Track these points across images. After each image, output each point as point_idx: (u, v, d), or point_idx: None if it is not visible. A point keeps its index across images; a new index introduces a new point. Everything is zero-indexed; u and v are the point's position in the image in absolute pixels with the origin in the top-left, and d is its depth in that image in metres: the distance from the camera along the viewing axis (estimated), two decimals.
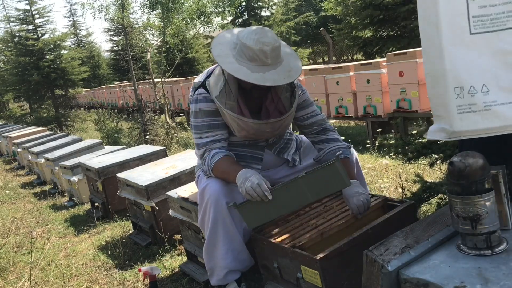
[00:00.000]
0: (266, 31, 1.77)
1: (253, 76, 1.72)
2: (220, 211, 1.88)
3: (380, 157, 4.38)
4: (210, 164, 1.91)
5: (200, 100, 1.94)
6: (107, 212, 3.67)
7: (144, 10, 7.16)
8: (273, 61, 1.77)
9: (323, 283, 1.57)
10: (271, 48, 1.74)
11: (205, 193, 1.93)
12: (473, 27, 1.29)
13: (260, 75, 1.73)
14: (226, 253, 1.94)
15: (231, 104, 1.86)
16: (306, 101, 2.08)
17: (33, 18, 11.92)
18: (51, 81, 11.53)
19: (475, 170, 1.08)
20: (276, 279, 1.85)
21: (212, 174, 1.92)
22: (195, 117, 1.96)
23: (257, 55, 1.73)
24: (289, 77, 1.78)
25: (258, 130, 1.91)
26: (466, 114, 1.30)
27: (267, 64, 1.75)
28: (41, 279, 2.68)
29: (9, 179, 6.34)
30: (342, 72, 5.43)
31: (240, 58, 1.76)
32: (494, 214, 1.10)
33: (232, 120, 1.88)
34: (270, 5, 15.25)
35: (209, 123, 1.93)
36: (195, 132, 1.97)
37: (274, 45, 1.75)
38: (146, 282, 2.34)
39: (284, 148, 2.16)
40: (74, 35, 26.09)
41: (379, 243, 1.21)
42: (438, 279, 1.02)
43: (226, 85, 1.84)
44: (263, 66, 1.75)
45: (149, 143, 6.26)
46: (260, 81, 1.73)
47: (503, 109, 1.27)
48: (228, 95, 1.85)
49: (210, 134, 1.94)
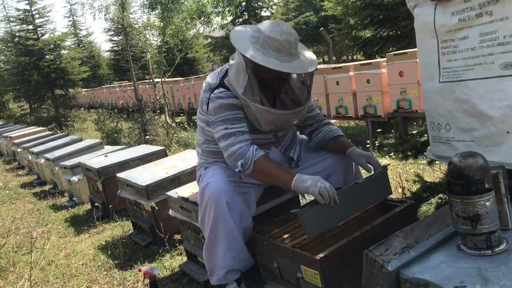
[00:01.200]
0: (284, 23, 1.86)
1: (284, 66, 1.79)
2: (220, 211, 1.88)
3: (380, 157, 4.37)
4: (254, 155, 1.86)
5: (223, 97, 1.92)
6: (107, 212, 3.67)
7: (144, 10, 7.15)
8: (296, 51, 1.85)
9: (323, 283, 1.57)
10: (294, 38, 1.83)
11: (205, 193, 1.92)
12: (441, 77, 1.59)
13: (289, 65, 1.81)
14: (226, 253, 1.94)
15: (256, 99, 1.87)
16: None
17: (33, 18, 11.91)
18: (51, 81, 11.53)
19: (475, 170, 1.08)
20: (276, 279, 1.85)
21: (252, 166, 1.86)
22: (219, 112, 1.92)
23: (283, 46, 1.79)
24: (313, 65, 1.88)
25: (284, 121, 1.95)
26: (437, 143, 1.68)
27: (292, 54, 1.83)
28: (41, 279, 2.68)
29: (9, 179, 6.34)
30: (342, 72, 5.43)
31: (265, 51, 1.81)
32: (494, 214, 1.10)
33: (260, 114, 1.87)
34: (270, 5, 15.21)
35: (234, 116, 1.92)
36: (220, 124, 1.91)
37: (296, 35, 1.84)
38: (146, 282, 2.34)
39: (290, 146, 2.18)
40: (74, 35, 26.06)
41: (379, 243, 1.21)
42: (438, 279, 1.02)
43: (249, 81, 1.84)
44: (289, 56, 1.82)
45: (149, 143, 6.26)
46: (292, 69, 1.83)
47: (459, 145, 1.59)
48: (253, 90, 1.86)
49: (238, 126, 1.91)
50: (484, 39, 1.43)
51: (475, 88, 1.47)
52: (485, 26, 1.42)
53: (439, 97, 1.61)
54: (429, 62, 1.63)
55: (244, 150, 1.86)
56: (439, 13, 1.55)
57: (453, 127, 1.59)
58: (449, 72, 1.55)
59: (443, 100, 1.59)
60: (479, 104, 1.47)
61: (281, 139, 2.14)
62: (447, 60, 1.55)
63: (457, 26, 1.50)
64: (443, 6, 1.53)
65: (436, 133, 1.67)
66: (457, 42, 1.50)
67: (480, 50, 1.44)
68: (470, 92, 1.49)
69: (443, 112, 1.61)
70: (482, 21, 1.42)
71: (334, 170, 2.19)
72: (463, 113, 1.53)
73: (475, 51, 1.46)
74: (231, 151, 1.87)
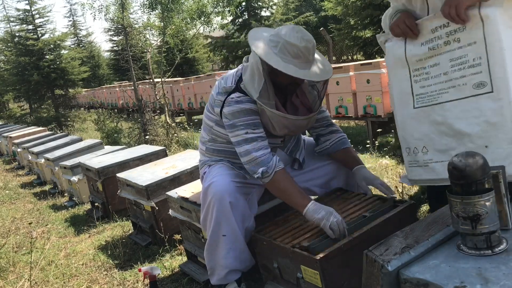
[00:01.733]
0: (303, 29, 1.85)
1: (302, 73, 1.80)
2: (223, 211, 1.88)
3: (380, 157, 4.37)
4: (277, 166, 1.87)
5: (242, 101, 1.90)
6: (107, 212, 3.67)
7: (144, 10, 7.15)
8: (313, 58, 1.86)
9: (323, 283, 1.57)
10: (313, 45, 1.83)
11: (208, 192, 1.92)
12: (416, 103, 1.70)
13: (306, 71, 1.82)
14: (227, 253, 1.94)
15: (272, 103, 1.86)
16: None
17: (33, 18, 11.91)
18: (51, 81, 11.53)
19: (475, 170, 1.08)
20: (276, 279, 1.85)
21: (272, 176, 1.86)
22: (239, 116, 1.90)
23: (302, 52, 1.79)
24: (328, 73, 1.89)
25: (298, 126, 1.96)
26: (414, 168, 1.78)
27: (309, 61, 1.84)
28: (41, 279, 2.68)
29: (9, 179, 6.34)
30: (342, 72, 5.43)
31: (284, 56, 1.80)
32: (494, 214, 1.10)
33: (275, 119, 1.87)
34: (270, 5, 15.21)
35: (254, 121, 1.91)
36: (241, 129, 1.89)
37: (314, 42, 1.84)
38: (146, 282, 2.34)
39: (295, 147, 2.18)
40: (74, 35, 26.07)
41: (379, 243, 1.21)
42: (438, 279, 1.02)
43: (265, 85, 1.83)
44: (306, 63, 1.82)
45: (149, 143, 6.26)
46: (309, 76, 1.83)
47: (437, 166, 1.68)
48: (269, 94, 1.85)
49: (258, 131, 1.90)
50: (454, 63, 1.56)
51: (452, 109, 1.58)
52: (454, 52, 1.55)
53: (415, 122, 1.72)
54: (402, 90, 1.75)
55: (267, 158, 1.86)
56: (409, 44, 1.69)
57: (430, 149, 1.69)
58: (424, 98, 1.67)
59: (419, 125, 1.70)
60: (456, 123, 1.59)
61: (287, 141, 2.14)
62: (420, 87, 1.67)
63: (427, 55, 1.63)
64: (412, 39, 1.67)
65: (413, 158, 1.77)
66: (428, 69, 1.64)
67: (452, 74, 1.56)
68: (447, 114, 1.60)
69: (419, 136, 1.72)
70: (451, 47, 1.56)
71: (337, 174, 2.19)
72: (439, 134, 1.65)
73: (447, 75, 1.58)
74: (253, 156, 1.87)
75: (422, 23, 1.65)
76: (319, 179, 2.20)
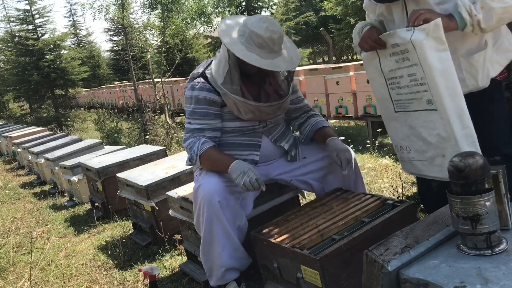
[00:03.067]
0: (272, 20, 1.91)
1: (264, 62, 1.85)
2: (214, 211, 1.90)
3: (380, 157, 4.37)
4: (200, 149, 1.98)
5: (199, 88, 2.01)
6: (107, 212, 3.67)
7: (144, 10, 7.16)
8: (279, 48, 1.91)
9: (323, 283, 1.57)
10: (279, 36, 1.88)
11: (198, 194, 1.95)
12: (396, 107, 1.83)
13: (269, 62, 1.86)
14: (222, 251, 1.96)
15: (235, 89, 1.95)
16: (294, 86, 2.23)
17: (33, 18, 11.91)
18: (51, 81, 11.53)
19: (475, 170, 1.08)
20: (276, 279, 1.85)
21: (199, 160, 2.00)
22: (190, 103, 2.04)
23: (266, 43, 1.85)
24: (293, 63, 1.94)
25: (262, 112, 2.01)
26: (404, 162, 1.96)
27: (274, 51, 1.89)
28: (41, 279, 2.68)
29: (9, 179, 6.34)
30: (342, 72, 5.43)
31: (249, 45, 1.86)
32: (494, 214, 1.10)
33: (240, 104, 1.97)
34: (270, 5, 15.24)
35: (201, 111, 2.00)
36: (187, 117, 2.06)
37: (280, 33, 1.89)
38: (146, 282, 2.34)
39: (281, 136, 2.20)
40: (74, 35, 26.06)
41: (379, 243, 1.21)
42: (438, 279, 1.02)
43: (229, 71, 1.93)
44: (271, 53, 1.88)
45: (149, 143, 6.26)
46: (271, 66, 1.87)
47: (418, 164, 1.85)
48: (232, 80, 1.94)
49: (200, 122, 2.01)
50: (411, 79, 1.68)
51: (418, 118, 1.73)
52: (409, 69, 1.68)
53: (398, 124, 1.86)
54: (382, 96, 1.88)
55: (192, 146, 2.00)
56: (382, 55, 1.80)
57: (412, 149, 1.84)
58: (400, 104, 1.80)
59: (401, 127, 1.84)
60: (422, 132, 1.75)
61: (272, 129, 2.16)
62: (396, 94, 1.80)
63: (395, 66, 1.75)
64: (383, 51, 1.78)
65: (401, 154, 1.92)
66: (398, 79, 1.76)
67: (412, 87, 1.70)
68: (416, 122, 1.75)
69: (402, 136, 1.86)
70: (406, 64, 1.69)
71: (332, 170, 2.19)
72: (415, 137, 1.79)
73: (409, 88, 1.71)
74: (185, 146, 2.05)
75: (384, 37, 1.75)
76: (315, 173, 2.20)
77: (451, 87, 1.59)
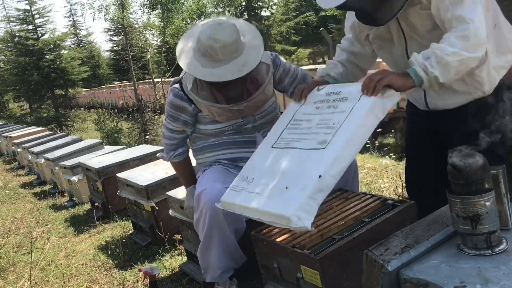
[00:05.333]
0: (223, 27, 1.79)
1: (200, 71, 1.79)
2: (216, 219, 1.92)
3: (380, 157, 4.38)
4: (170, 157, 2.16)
5: (173, 94, 2.03)
6: (107, 212, 3.67)
7: (144, 10, 7.17)
8: (226, 57, 1.78)
9: (323, 283, 1.57)
10: (222, 46, 1.76)
11: (201, 198, 1.95)
12: (275, 143, 1.80)
13: (208, 71, 1.78)
14: (221, 256, 1.98)
15: (204, 94, 1.92)
16: (285, 69, 2.11)
17: (33, 18, 11.93)
18: (51, 81, 11.54)
19: (475, 170, 1.08)
20: (276, 279, 1.85)
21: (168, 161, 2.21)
22: (167, 105, 2.08)
23: (207, 51, 1.78)
24: (239, 72, 1.79)
25: (234, 112, 1.97)
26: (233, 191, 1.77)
27: (218, 60, 1.78)
28: (41, 279, 2.68)
29: (9, 179, 6.34)
30: None
31: (197, 52, 1.82)
32: (494, 214, 1.10)
33: (209, 108, 1.95)
34: (270, 5, 15.24)
35: (173, 115, 2.04)
36: (165, 117, 2.12)
37: (226, 42, 1.76)
38: (146, 282, 2.34)
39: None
40: (74, 35, 26.10)
41: (379, 243, 1.21)
42: (438, 279, 1.02)
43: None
44: (214, 62, 1.78)
45: (149, 143, 6.27)
46: (208, 77, 1.80)
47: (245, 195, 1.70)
48: (200, 86, 1.93)
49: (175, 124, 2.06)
50: (320, 122, 1.70)
51: (293, 155, 1.68)
52: (328, 115, 1.71)
53: (261, 157, 1.81)
54: (273, 132, 1.86)
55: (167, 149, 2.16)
56: (308, 102, 1.84)
57: (256, 181, 1.72)
58: (284, 141, 1.78)
59: (263, 161, 1.78)
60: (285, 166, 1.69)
61: (263, 125, 2.10)
62: (288, 133, 1.80)
63: (312, 112, 1.78)
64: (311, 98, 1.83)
65: (240, 183, 1.78)
66: (303, 122, 1.78)
67: (312, 129, 1.71)
68: (286, 157, 1.71)
69: (257, 168, 1.79)
70: (328, 111, 1.72)
71: None
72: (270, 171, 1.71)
73: (309, 129, 1.72)
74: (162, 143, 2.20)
75: (325, 88, 1.81)
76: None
77: (356, 140, 1.57)
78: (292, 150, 1.69)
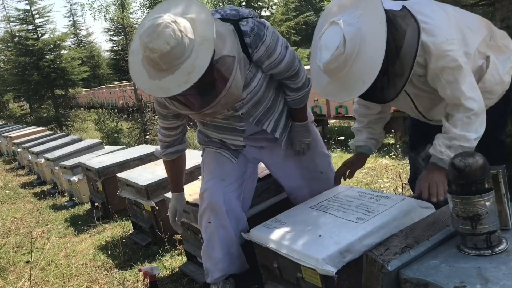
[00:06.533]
0: (158, 32, 1.44)
1: (148, 85, 1.53)
2: (219, 220, 1.92)
3: (380, 157, 4.37)
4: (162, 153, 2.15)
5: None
6: (107, 212, 3.67)
7: (144, 10, 7.16)
8: (169, 65, 1.47)
9: (323, 283, 1.57)
10: (159, 55, 1.44)
11: (204, 197, 1.95)
12: (314, 206, 1.90)
13: (155, 84, 1.51)
14: (223, 257, 1.98)
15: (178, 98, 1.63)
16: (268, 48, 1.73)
17: (33, 18, 11.93)
18: (51, 81, 11.54)
19: (475, 170, 1.08)
20: (276, 279, 1.85)
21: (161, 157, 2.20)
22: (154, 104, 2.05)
23: (150, 61, 1.49)
24: (186, 83, 1.47)
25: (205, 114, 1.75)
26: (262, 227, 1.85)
27: (162, 70, 1.49)
28: (41, 279, 2.68)
29: (9, 179, 6.34)
30: None
31: (144, 60, 1.52)
32: (494, 214, 1.10)
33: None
34: (270, 5, 15.23)
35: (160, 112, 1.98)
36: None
37: (162, 51, 1.43)
38: (146, 282, 2.34)
39: (263, 117, 1.95)
40: (74, 35, 26.07)
41: (379, 243, 1.21)
42: (438, 279, 1.02)
43: None
44: (160, 72, 1.49)
45: (149, 143, 6.27)
46: (152, 91, 1.55)
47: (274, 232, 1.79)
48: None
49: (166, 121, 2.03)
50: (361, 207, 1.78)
51: (328, 218, 1.78)
52: (368, 203, 1.82)
53: (300, 212, 1.93)
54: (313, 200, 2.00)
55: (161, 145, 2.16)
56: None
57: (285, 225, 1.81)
58: (321, 205, 1.91)
59: (299, 214, 1.90)
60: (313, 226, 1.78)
61: (252, 110, 1.90)
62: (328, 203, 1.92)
63: (355, 196, 1.91)
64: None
65: (275, 223, 1.85)
66: (344, 200, 1.92)
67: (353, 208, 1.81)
68: (319, 219, 1.81)
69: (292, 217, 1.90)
70: (370, 201, 1.83)
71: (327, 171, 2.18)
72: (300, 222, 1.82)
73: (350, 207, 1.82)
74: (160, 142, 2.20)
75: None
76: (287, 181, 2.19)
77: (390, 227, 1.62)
78: (330, 214, 1.77)
